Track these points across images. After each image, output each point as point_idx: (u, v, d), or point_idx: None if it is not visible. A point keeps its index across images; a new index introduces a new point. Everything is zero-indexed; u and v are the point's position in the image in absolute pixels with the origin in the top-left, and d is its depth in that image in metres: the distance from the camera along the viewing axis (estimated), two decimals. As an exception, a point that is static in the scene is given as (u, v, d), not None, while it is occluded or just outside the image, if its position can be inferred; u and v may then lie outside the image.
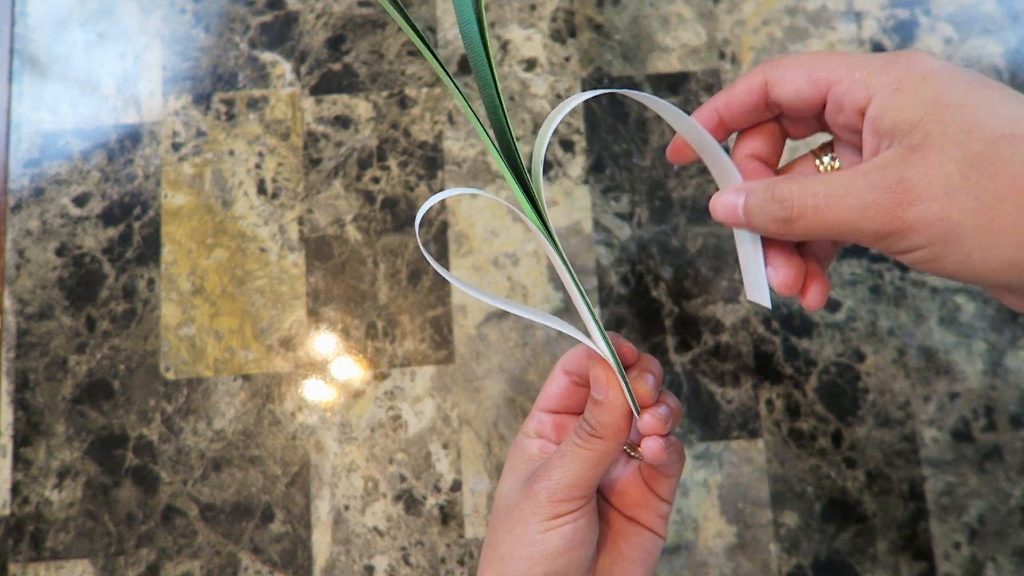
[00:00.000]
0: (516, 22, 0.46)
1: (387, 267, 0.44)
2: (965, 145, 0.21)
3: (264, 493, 0.42)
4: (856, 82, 0.23)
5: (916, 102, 0.22)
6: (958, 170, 0.21)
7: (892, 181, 0.22)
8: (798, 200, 0.23)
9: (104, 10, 0.47)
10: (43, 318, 0.44)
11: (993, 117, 0.21)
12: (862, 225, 0.22)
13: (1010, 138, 0.21)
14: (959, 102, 0.21)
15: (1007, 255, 0.21)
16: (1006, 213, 0.21)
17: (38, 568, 0.41)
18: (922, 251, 0.22)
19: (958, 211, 0.21)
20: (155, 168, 0.45)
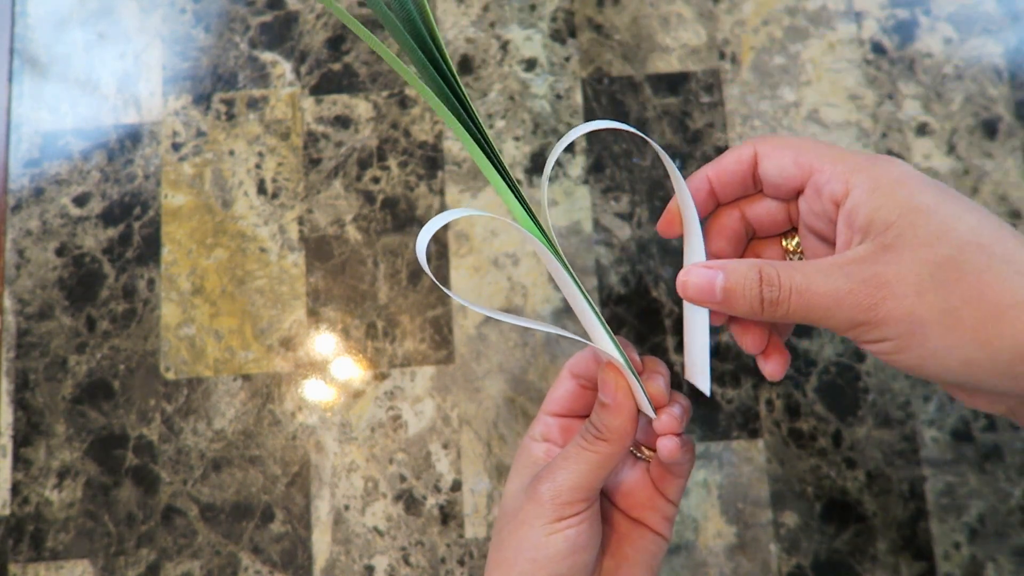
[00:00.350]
0: (516, 22, 0.46)
1: (387, 267, 0.44)
2: (935, 249, 0.23)
3: (264, 493, 0.42)
4: (837, 175, 0.25)
5: (891, 203, 0.24)
6: (928, 271, 0.22)
7: (867, 275, 0.23)
8: (784, 284, 0.24)
9: (104, 10, 0.47)
10: (43, 318, 0.44)
11: (960, 225, 0.23)
12: (837, 313, 0.23)
13: (975, 246, 0.23)
14: (930, 208, 0.23)
15: (966, 355, 0.23)
16: (969, 316, 0.22)
17: (38, 568, 0.41)
18: (889, 343, 0.23)
19: (926, 309, 0.22)
20: (155, 168, 0.45)
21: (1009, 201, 0.43)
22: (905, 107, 0.44)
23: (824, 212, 0.26)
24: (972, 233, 0.23)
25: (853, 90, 0.45)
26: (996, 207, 0.43)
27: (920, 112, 0.44)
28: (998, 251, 0.23)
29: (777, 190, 0.28)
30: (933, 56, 0.45)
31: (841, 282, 0.23)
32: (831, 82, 0.45)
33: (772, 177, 0.27)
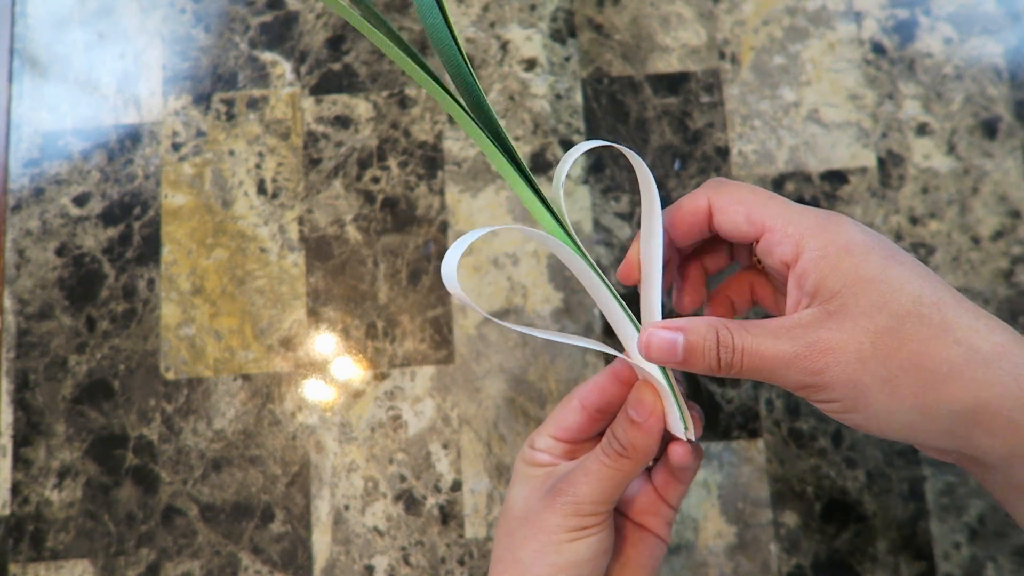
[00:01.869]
0: (516, 22, 0.46)
1: (387, 267, 0.44)
2: (875, 319, 0.24)
3: (264, 493, 0.42)
4: (788, 238, 0.26)
5: (837, 273, 0.25)
6: (869, 340, 0.24)
7: (812, 339, 0.24)
8: (737, 346, 0.25)
9: (104, 10, 0.47)
10: (43, 318, 0.44)
11: (901, 294, 0.24)
12: (786, 374, 0.25)
13: (915, 316, 0.24)
14: (874, 278, 0.24)
15: (907, 420, 0.24)
16: (908, 384, 0.23)
17: (38, 568, 0.41)
18: (836, 404, 0.24)
19: (868, 376, 0.24)
20: (155, 168, 0.45)
21: (1009, 201, 0.43)
22: (905, 107, 0.44)
23: (777, 269, 0.27)
24: (913, 303, 0.24)
25: (853, 90, 0.45)
26: (996, 207, 0.43)
27: (920, 112, 0.44)
28: (936, 319, 0.24)
29: (733, 238, 0.29)
30: (933, 56, 0.45)
31: (788, 345, 0.25)
32: (831, 82, 0.45)
33: (727, 231, 0.28)
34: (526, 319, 0.43)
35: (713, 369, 0.26)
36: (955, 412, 0.23)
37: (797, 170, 0.44)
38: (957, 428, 0.24)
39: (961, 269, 0.43)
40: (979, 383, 0.23)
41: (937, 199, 0.44)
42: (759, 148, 0.44)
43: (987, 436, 0.24)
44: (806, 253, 0.26)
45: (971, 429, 0.24)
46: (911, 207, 0.43)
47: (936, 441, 0.25)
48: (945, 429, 0.24)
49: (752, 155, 0.44)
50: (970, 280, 0.43)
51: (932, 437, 0.24)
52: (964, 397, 0.23)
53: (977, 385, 0.23)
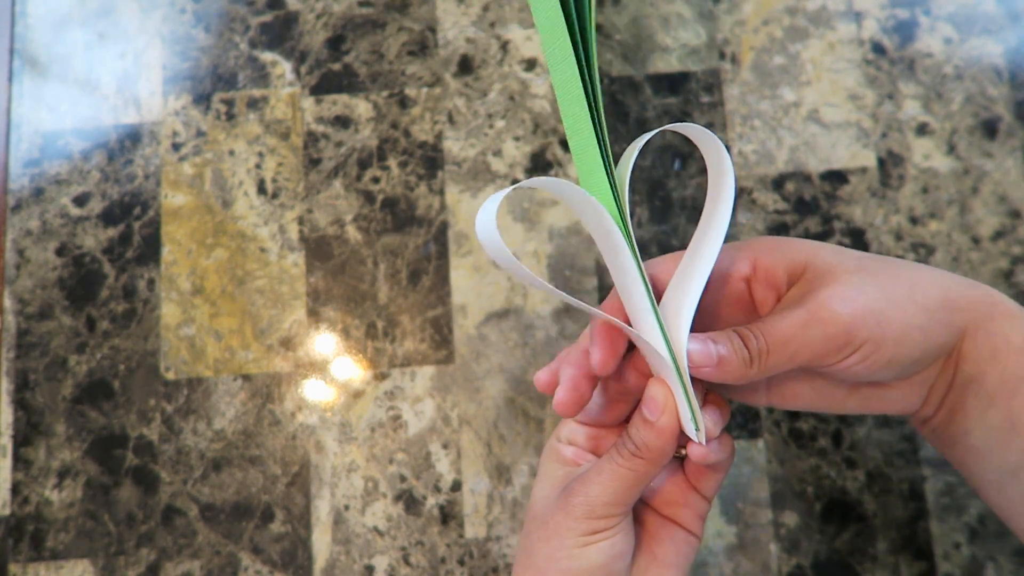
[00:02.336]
0: (516, 22, 0.46)
1: (387, 267, 0.44)
2: (844, 265, 0.27)
3: (264, 493, 0.42)
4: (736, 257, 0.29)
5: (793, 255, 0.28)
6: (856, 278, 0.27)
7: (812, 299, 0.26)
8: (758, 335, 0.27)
9: (104, 10, 0.47)
10: (43, 318, 0.44)
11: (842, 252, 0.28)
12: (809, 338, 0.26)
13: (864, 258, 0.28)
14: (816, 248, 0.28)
15: (919, 321, 0.26)
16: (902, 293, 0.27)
17: (38, 568, 0.41)
18: (867, 344, 0.26)
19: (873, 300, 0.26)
20: (155, 168, 0.45)
21: (1009, 201, 0.43)
22: (905, 107, 0.44)
23: (732, 295, 0.29)
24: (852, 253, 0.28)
25: (853, 90, 0.45)
26: (996, 207, 0.43)
27: (920, 112, 0.44)
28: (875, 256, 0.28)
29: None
30: (933, 56, 0.45)
31: (797, 311, 0.26)
32: (831, 82, 0.45)
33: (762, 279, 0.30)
34: (526, 319, 0.43)
35: (746, 365, 0.26)
36: (938, 302, 0.27)
37: (797, 170, 0.44)
38: (947, 315, 0.27)
39: (961, 269, 0.43)
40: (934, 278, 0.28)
41: (937, 199, 0.44)
42: (759, 148, 0.44)
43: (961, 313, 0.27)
44: (761, 255, 0.28)
45: (952, 314, 0.27)
46: (911, 207, 0.43)
47: (940, 337, 0.27)
48: (941, 320, 0.27)
49: (752, 155, 0.44)
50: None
51: (938, 333, 0.27)
52: (935, 289, 0.27)
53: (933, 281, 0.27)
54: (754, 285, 0.29)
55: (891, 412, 0.30)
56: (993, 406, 0.27)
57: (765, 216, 0.44)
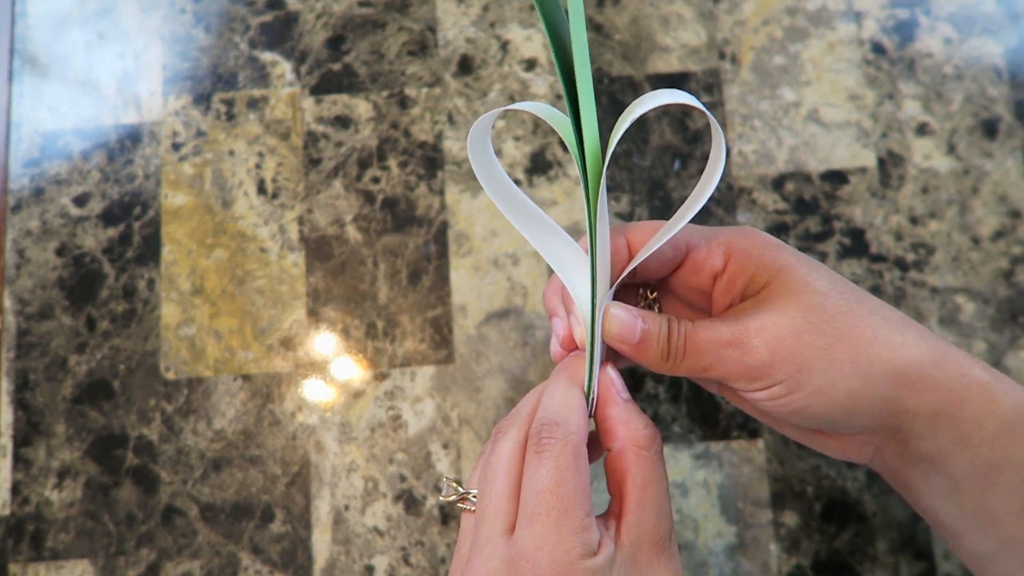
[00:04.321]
0: (516, 22, 0.46)
1: (387, 267, 0.44)
2: (803, 298, 0.26)
3: (264, 493, 0.42)
4: (716, 248, 0.28)
5: (762, 267, 0.27)
6: (801, 316, 0.26)
7: (748, 322, 0.26)
8: (682, 333, 0.27)
9: (104, 10, 0.47)
10: (43, 318, 0.44)
11: (817, 281, 0.26)
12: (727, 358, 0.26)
13: (833, 294, 0.26)
14: (792, 266, 0.27)
15: (848, 386, 0.25)
16: (844, 350, 0.25)
17: (38, 568, 0.41)
18: (778, 386, 0.25)
19: (806, 347, 0.25)
20: (155, 168, 0.45)
21: (1009, 201, 0.43)
22: (905, 107, 0.44)
23: (698, 285, 0.29)
24: (828, 284, 0.27)
25: (853, 90, 0.45)
26: (996, 207, 0.43)
27: (920, 112, 0.44)
28: (851, 297, 0.26)
29: (652, 273, 0.29)
30: (933, 56, 0.45)
31: (726, 328, 0.26)
32: (831, 82, 0.45)
33: (651, 264, 0.28)
34: (526, 319, 0.43)
35: (661, 357, 0.27)
36: (886, 373, 0.25)
37: (797, 170, 0.44)
38: (890, 391, 0.25)
39: (961, 269, 0.43)
40: (898, 345, 0.26)
41: (937, 199, 0.44)
42: (759, 148, 0.44)
43: (914, 396, 0.25)
44: (735, 256, 0.28)
45: (900, 390, 0.25)
46: (911, 207, 0.43)
47: (872, 408, 0.26)
48: (881, 394, 0.25)
49: (752, 155, 0.44)
50: (970, 280, 0.43)
51: (871, 404, 0.25)
52: (892, 358, 0.25)
53: (897, 347, 0.26)
54: (717, 283, 0.28)
55: (832, 456, 0.29)
56: (962, 492, 0.26)
57: (765, 216, 0.44)
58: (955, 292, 0.43)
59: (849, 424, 0.27)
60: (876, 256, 0.43)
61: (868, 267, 0.43)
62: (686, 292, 0.30)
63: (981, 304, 0.42)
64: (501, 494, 0.25)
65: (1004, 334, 0.42)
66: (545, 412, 0.26)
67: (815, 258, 0.37)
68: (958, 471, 0.26)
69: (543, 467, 0.24)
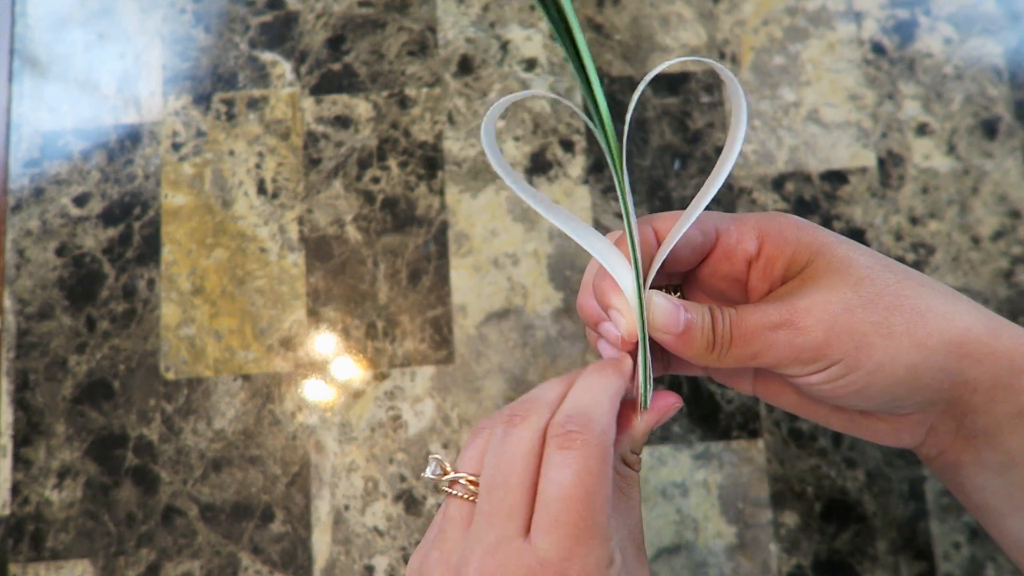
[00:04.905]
0: (516, 22, 0.46)
1: (387, 267, 0.44)
2: (849, 272, 0.25)
3: (264, 493, 0.42)
4: (747, 232, 0.26)
5: (801, 247, 0.26)
6: (852, 291, 0.24)
7: (797, 303, 0.24)
8: (727, 321, 0.25)
9: (104, 10, 0.47)
10: (43, 318, 0.44)
11: (861, 255, 0.25)
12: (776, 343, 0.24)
13: (880, 268, 0.25)
14: (833, 243, 0.26)
15: (908, 360, 0.24)
16: (900, 322, 0.24)
17: (38, 568, 0.41)
18: (838, 365, 0.24)
19: (861, 323, 0.24)
20: (155, 168, 0.45)
21: (1009, 201, 0.43)
22: (905, 107, 0.44)
23: (731, 273, 0.27)
24: (872, 259, 0.25)
25: (853, 90, 0.45)
26: (996, 207, 0.43)
27: (920, 112, 0.44)
28: (899, 270, 0.25)
29: (681, 262, 0.27)
30: (933, 56, 0.45)
31: (775, 311, 0.24)
32: (831, 82, 0.45)
33: (681, 253, 0.26)
34: (526, 319, 0.43)
35: (707, 346, 0.25)
36: (945, 344, 0.24)
37: (797, 170, 0.44)
38: (950, 362, 0.24)
39: (961, 269, 0.43)
40: (953, 315, 0.25)
41: (937, 199, 0.44)
42: (759, 148, 0.44)
43: (974, 366, 0.24)
44: (770, 238, 0.26)
45: (961, 361, 0.24)
46: (911, 207, 0.44)
47: (933, 381, 0.25)
48: (941, 365, 0.24)
49: (752, 155, 0.44)
50: (970, 280, 0.43)
51: (930, 377, 0.24)
52: (948, 328, 0.24)
53: (953, 317, 0.25)
54: (753, 269, 0.27)
55: (881, 443, 0.28)
56: (1016, 468, 0.25)
57: (765, 216, 0.44)
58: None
59: (909, 401, 0.25)
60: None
61: (868, 267, 0.43)
62: (717, 283, 0.28)
63: (981, 304, 0.42)
64: (519, 490, 0.23)
65: (1004, 334, 0.42)
66: (576, 404, 0.24)
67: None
68: (1014, 445, 0.25)
69: (568, 467, 0.22)
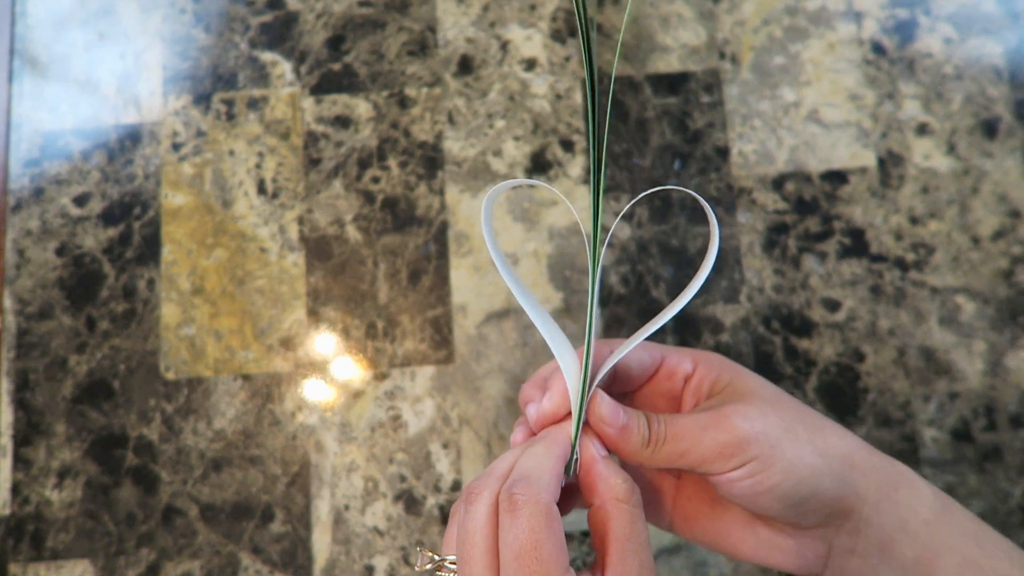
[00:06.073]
0: (516, 22, 0.46)
1: (387, 267, 0.44)
2: (762, 392, 0.30)
3: (264, 493, 0.42)
4: (684, 358, 0.32)
5: (725, 373, 0.31)
6: (765, 403, 0.29)
7: (720, 410, 0.29)
8: (662, 421, 0.29)
9: (104, 10, 0.47)
10: (43, 318, 0.44)
11: (765, 384, 0.31)
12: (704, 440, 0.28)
13: (784, 395, 0.31)
14: (746, 373, 0.31)
15: (812, 462, 0.28)
16: (802, 432, 0.29)
17: (38, 568, 0.41)
18: (755, 461, 0.28)
19: (773, 427, 0.28)
20: (155, 168, 0.45)
21: (1009, 201, 0.43)
22: (905, 107, 0.44)
23: (670, 390, 0.32)
24: (777, 389, 0.31)
25: (853, 90, 0.45)
26: (996, 207, 0.43)
27: (920, 112, 0.44)
28: (792, 399, 0.31)
29: (633, 382, 0.33)
30: (933, 56, 0.45)
31: (703, 415, 0.29)
32: (831, 82, 0.45)
33: (633, 371, 0.32)
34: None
35: (642, 443, 0.29)
36: (839, 455, 0.29)
37: (797, 170, 0.44)
38: (843, 470, 0.28)
39: (961, 269, 0.43)
40: (841, 435, 0.29)
41: (937, 199, 0.44)
42: (759, 148, 0.44)
43: (862, 477, 0.29)
44: (702, 362, 0.32)
45: (851, 470, 0.29)
46: (911, 207, 0.43)
47: (831, 487, 0.28)
48: (836, 471, 0.28)
49: (752, 155, 0.44)
50: (970, 280, 0.43)
51: (829, 482, 0.28)
52: (838, 443, 0.29)
53: (841, 436, 0.29)
54: (687, 387, 0.32)
55: (788, 568, 0.31)
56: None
57: (765, 216, 0.44)
58: (955, 292, 0.43)
59: (813, 504, 0.29)
60: (876, 256, 0.43)
61: (868, 267, 0.43)
62: (657, 400, 0.33)
63: (981, 304, 0.42)
64: (480, 562, 0.27)
65: (1004, 334, 0.42)
66: (520, 470, 0.28)
67: (815, 258, 0.41)
68: (906, 557, 0.28)
69: (517, 528, 0.26)
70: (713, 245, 0.29)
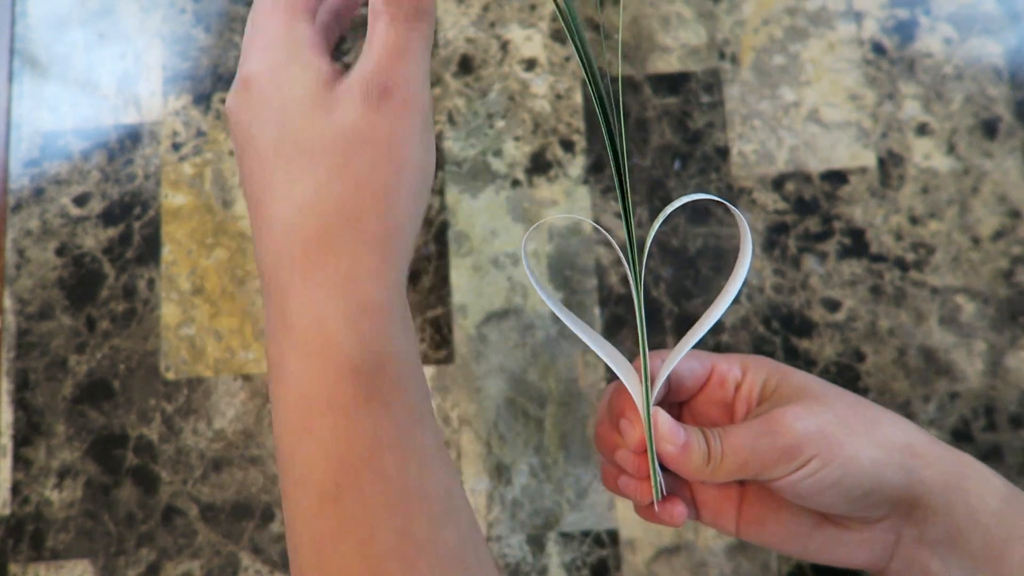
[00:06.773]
0: (516, 22, 0.46)
1: (387, 267, 0.44)
2: (810, 390, 0.30)
3: (264, 493, 0.42)
4: (733, 364, 0.33)
5: (773, 379, 0.31)
6: (815, 402, 0.29)
7: (772, 414, 0.29)
8: (718, 436, 0.29)
9: (104, 10, 0.47)
10: (43, 318, 0.44)
11: (815, 380, 0.31)
12: (760, 448, 0.28)
13: (833, 389, 0.31)
14: (792, 371, 0.32)
15: (872, 455, 0.28)
16: (858, 425, 0.29)
17: (38, 568, 0.41)
18: (815, 460, 0.28)
19: (827, 424, 0.28)
20: (155, 168, 0.45)
21: (1009, 201, 0.43)
22: (905, 107, 0.44)
23: (723, 399, 0.33)
24: (826, 384, 0.31)
25: (853, 90, 0.45)
26: (996, 207, 0.43)
27: (920, 112, 0.44)
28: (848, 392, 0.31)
29: (685, 392, 0.33)
30: (933, 56, 0.45)
31: (756, 423, 0.29)
32: (831, 82, 0.45)
33: (686, 382, 0.33)
34: (526, 319, 0.43)
35: (702, 461, 0.29)
36: (899, 445, 0.28)
37: (797, 170, 0.44)
38: (906, 459, 0.28)
39: (961, 269, 0.43)
40: (898, 424, 0.29)
41: (937, 199, 0.44)
42: (759, 148, 0.44)
43: (926, 466, 0.28)
44: (750, 372, 0.32)
45: (914, 459, 0.28)
46: (911, 207, 0.44)
47: (895, 478, 0.28)
48: (898, 462, 0.28)
49: (752, 155, 0.44)
50: (970, 280, 0.43)
51: (892, 473, 0.28)
52: (897, 433, 0.29)
53: (898, 426, 0.29)
54: (738, 395, 0.32)
55: (855, 563, 0.31)
56: (978, 571, 0.28)
57: (765, 216, 0.44)
58: (955, 292, 0.43)
59: (878, 497, 0.28)
60: (876, 256, 0.43)
61: (868, 267, 0.43)
62: (710, 409, 0.33)
63: (981, 304, 0.42)
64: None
65: (1004, 334, 0.42)
66: None
67: (815, 258, 0.41)
68: (974, 548, 0.28)
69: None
70: (746, 253, 0.30)
